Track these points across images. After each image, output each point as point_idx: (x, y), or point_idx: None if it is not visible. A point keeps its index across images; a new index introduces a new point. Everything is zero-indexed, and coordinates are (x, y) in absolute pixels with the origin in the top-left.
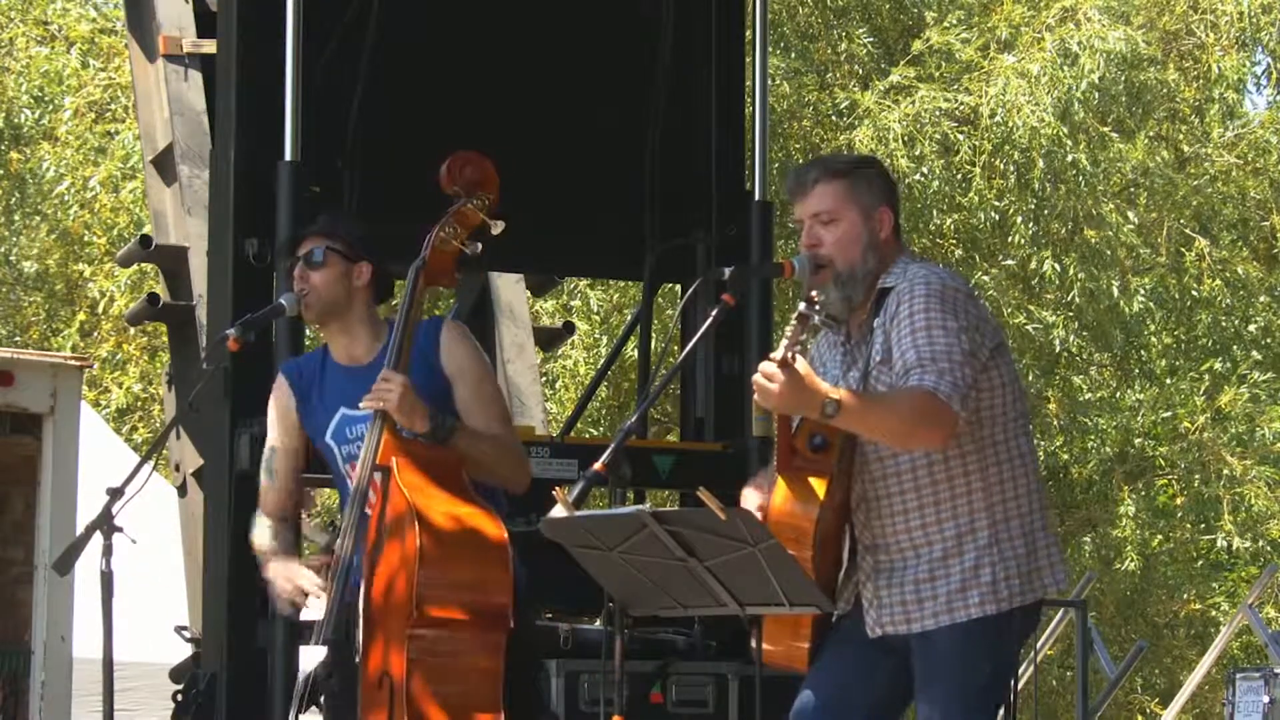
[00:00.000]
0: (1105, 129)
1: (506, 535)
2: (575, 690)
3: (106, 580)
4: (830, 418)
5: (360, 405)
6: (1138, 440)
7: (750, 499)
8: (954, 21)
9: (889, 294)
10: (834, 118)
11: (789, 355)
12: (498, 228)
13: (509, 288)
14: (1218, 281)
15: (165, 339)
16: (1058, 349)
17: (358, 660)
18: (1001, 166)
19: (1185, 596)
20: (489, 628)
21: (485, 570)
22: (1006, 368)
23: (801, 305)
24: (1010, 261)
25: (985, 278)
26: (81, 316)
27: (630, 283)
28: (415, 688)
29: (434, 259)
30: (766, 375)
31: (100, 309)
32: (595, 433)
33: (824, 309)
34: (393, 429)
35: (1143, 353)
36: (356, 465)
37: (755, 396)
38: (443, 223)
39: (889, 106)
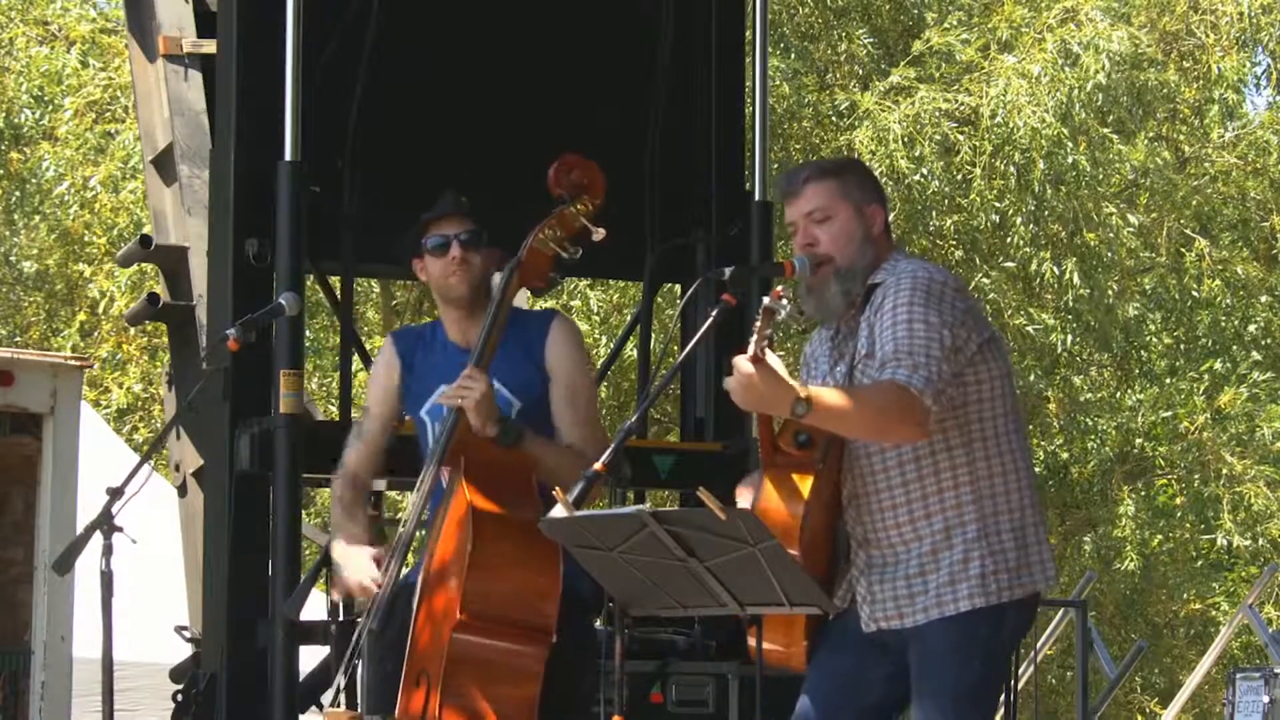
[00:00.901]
0: (1105, 130)
1: (560, 549)
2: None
3: (106, 580)
4: (801, 417)
5: (442, 402)
6: (1138, 440)
7: (743, 499)
8: (954, 23)
9: (877, 289)
10: (834, 118)
11: (759, 350)
12: (599, 234)
13: None
14: (1218, 282)
15: (165, 339)
16: (1059, 350)
17: (408, 645)
18: (1002, 167)
19: (1185, 596)
20: (530, 641)
21: (534, 581)
22: (997, 362)
23: (766, 299)
24: (1010, 264)
25: (985, 280)
26: (82, 317)
27: (630, 283)
28: (449, 686)
29: (530, 259)
30: (740, 371)
31: (100, 309)
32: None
33: (790, 302)
34: (468, 424)
35: (1143, 353)
36: None
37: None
38: (545, 224)
39: (889, 107)
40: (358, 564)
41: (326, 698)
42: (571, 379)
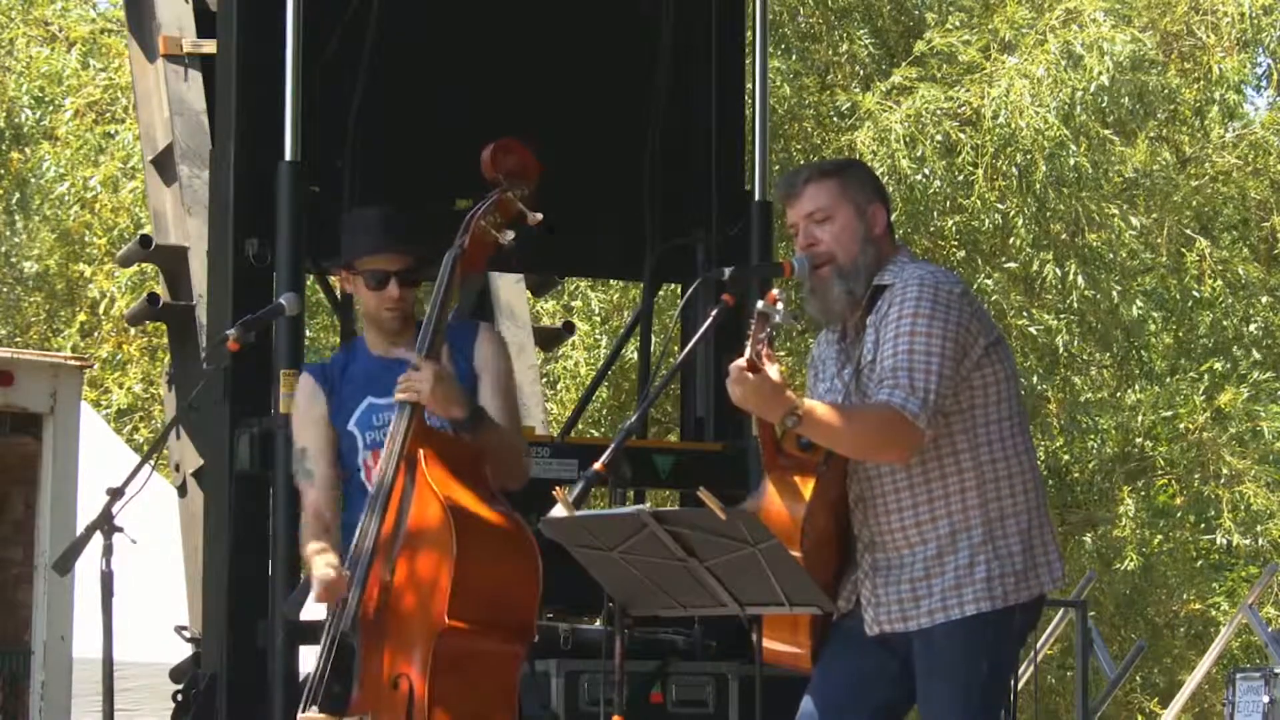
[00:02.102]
0: (1106, 131)
1: (537, 544)
2: (575, 690)
3: (106, 580)
4: (792, 427)
5: (395, 397)
6: (1138, 440)
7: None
8: (956, 24)
9: (884, 292)
10: (835, 119)
11: (754, 356)
12: (535, 218)
13: (509, 288)
14: (1218, 282)
15: (165, 339)
16: (1060, 350)
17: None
18: (1004, 168)
19: (1185, 596)
20: (514, 639)
21: (517, 579)
22: (1002, 364)
23: (760, 304)
24: (1012, 264)
25: (988, 281)
26: (82, 317)
27: (630, 283)
28: (436, 691)
29: (472, 245)
30: (736, 377)
31: (101, 310)
32: (596, 433)
33: (784, 306)
34: (422, 419)
35: (1143, 353)
36: (379, 454)
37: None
38: (484, 209)
39: (890, 107)
40: (320, 570)
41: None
42: (500, 372)
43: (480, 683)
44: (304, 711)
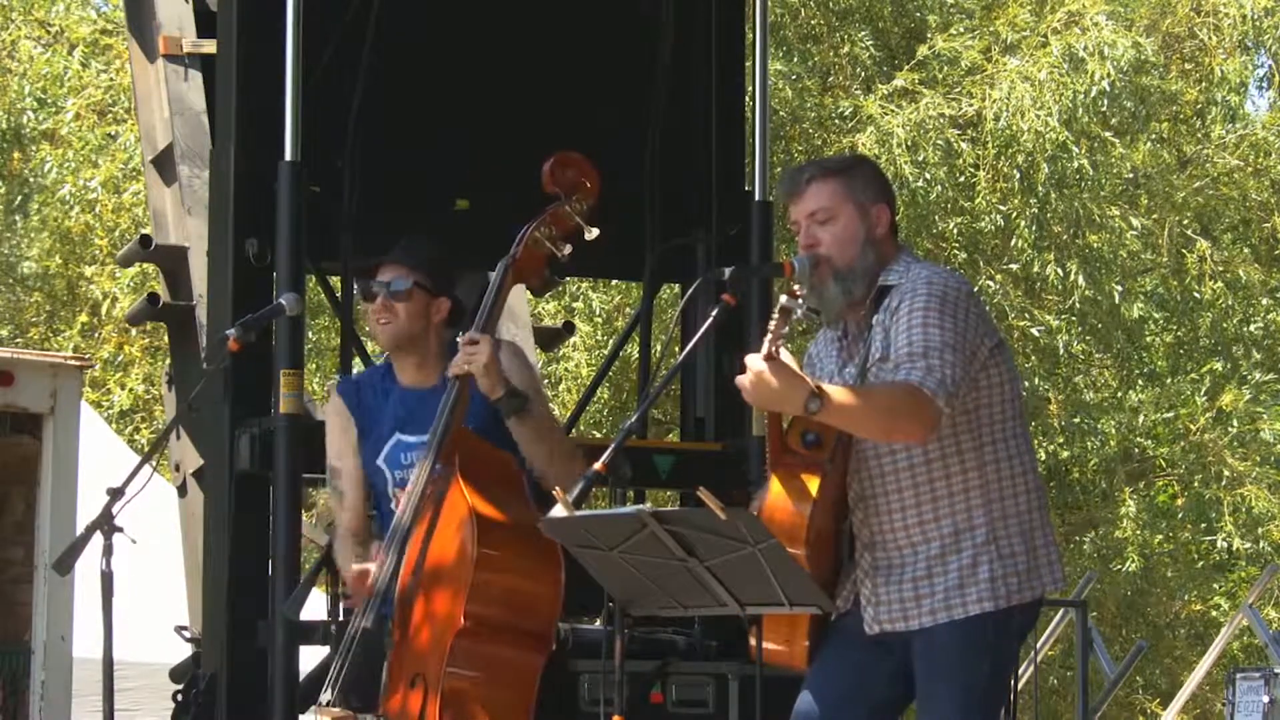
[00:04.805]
0: (1107, 134)
1: (562, 555)
2: (575, 690)
3: (106, 580)
4: (814, 414)
5: (450, 371)
6: (1139, 441)
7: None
8: (960, 30)
9: (890, 291)
10: (836, 120)
11: (773, 349)
12: (592, 233)
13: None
14: (1219, 284)
15: (166, 339)
16: (1061, 351)
17: (387, 645)
18: (1005, 170)
19: (1185, 597)
20: (532, 647)
21: (537, 588)
22: (1006, 367)
23: (783, 298)
24: (1014, 266)
25: (990, 283)
26: (83, 318)
27: (631, 283)
28: (449, 693)
29: (524, 257)
30: (753, 369)
31: (103, 310)
32: (596, 433)
33: (806, 302)
34: (462, 424)
35: (1144, 354)
36: (402, 494)
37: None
38: (539, 221)
39: (893, 111)
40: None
41: (325, 697)
42: (527, 381)
43: (496, 688)
44: (323, 706)
